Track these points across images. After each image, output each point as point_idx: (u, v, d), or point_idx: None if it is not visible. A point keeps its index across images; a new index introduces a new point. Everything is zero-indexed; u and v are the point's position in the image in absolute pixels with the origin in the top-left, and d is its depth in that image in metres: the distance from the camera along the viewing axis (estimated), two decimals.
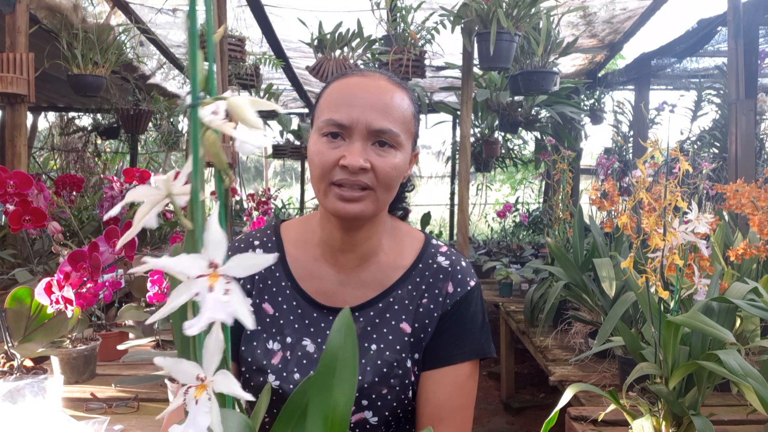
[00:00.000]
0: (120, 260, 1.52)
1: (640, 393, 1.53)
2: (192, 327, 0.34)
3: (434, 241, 1.03)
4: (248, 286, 0.98)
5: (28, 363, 1.33)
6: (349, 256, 0.96)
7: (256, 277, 0.98)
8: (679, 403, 1.14)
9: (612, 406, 1.22)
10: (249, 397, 0.39)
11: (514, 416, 3.27)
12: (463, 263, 1.00)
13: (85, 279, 1.35)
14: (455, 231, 4.68)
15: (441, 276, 0.97)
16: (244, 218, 3.45)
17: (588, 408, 1.51)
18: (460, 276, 0.98)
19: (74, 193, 2.36)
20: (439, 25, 3.31)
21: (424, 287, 0.97)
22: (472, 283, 0.98)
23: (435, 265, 0.98)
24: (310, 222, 1.01)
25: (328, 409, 0.54)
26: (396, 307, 0.95)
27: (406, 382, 0.92)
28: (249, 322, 0.35)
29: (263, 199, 3.30)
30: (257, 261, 0.36)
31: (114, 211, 0.44)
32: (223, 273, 0.35)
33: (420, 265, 0.98)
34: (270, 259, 0.36)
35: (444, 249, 1.01)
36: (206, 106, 0.37)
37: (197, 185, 0.37)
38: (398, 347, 0.93)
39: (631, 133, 5.42)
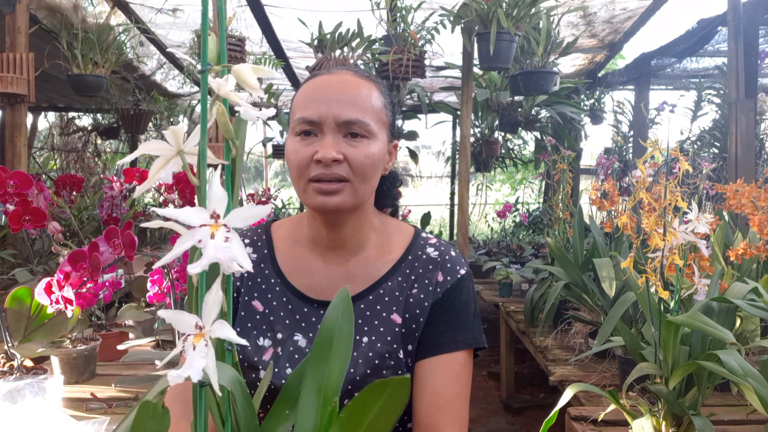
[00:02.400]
0: (120, 260, 1.52)
1: (640, 393, 1.53)
2: (195, 267, 0.38)
3: (424, 234, 1.04)
4: (237, 284, 0.99)
5: (28, 363, 1.33)
6: (337, 252, 0.98)
7: (245, 274, 0.99)
8: (679, 403, 1.14)
9: (612, 406, 1.22)
10: (243, 341, 0.42)
11: (514, 416, 3.27)
12: (453, 253, 1.01)
13: (85, 279, 1.35)
14: (455, 231, 4.68)
15: (430, 266, 0.98)
16: None
17: (588, 408, 1.51)
18: (449, 265, 0.99)
19: (74, 193, 2.36)
20: (439, 25, 3.31)
21: (413, 278, 0.98)
22: (462, 272, 0.99)
23: (424, 257, 0.99)
24: (299, 221, 1.03)
25: (322, 380, 0.57)
26: (386, 298, 0.96)
27: (399, 372, 0.93)
28: (247, 265, 0.39)
29: (263, 199, 3.30)
30: (255, 212, 0.41)
31: (127, 159, 0.46)
32: (224, 223, 0.40)
33: (409, 257, 0.99)
34: (267, 209, 0.41)
35: (433, 241, 1.02)
36: (214, 72, 0.42)
37: (204, 146, 0.42)
38: (389, 338, 0.94)
39: (631, 133, 5.42)
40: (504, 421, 3.23)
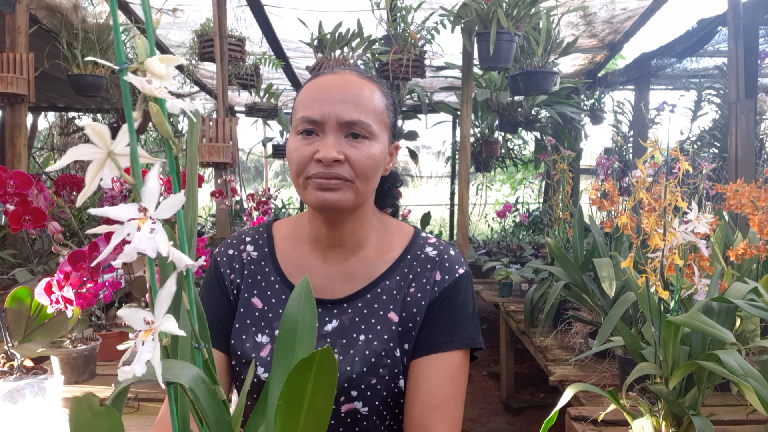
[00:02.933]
0: None
1: (640, 393, 1.53)
2: (120, 259, 0.41)
3: (423, 234, 1.04)
4: (238, 281, 1.00)
5: (28, 363, 1.33)
6: (337, 250, 0.99)
7: (246, 272, 1.00)
8: (679, 403, 1.14)
9: (612, 406, 1.22)
10: (182, 333, 0.42)
11: (514, 416, 3.27)
12: (452, 252, 1.01)
13: (85, 279, 1.35)
14: (455, 231, 4.69)
15: (429, 266, 0.98)
16: (244, 218, 3.44)
17: (588, 408, 1.51)
18: (448, 264, 0.99)
19: (74, 193, 2.36)
20: (439, 25, 3.31)
21: (411, 277, 0.98)
22: (461, 271, 0.99)
23: (423, 256, 0.99)
24: (300, 220, 1.04)
25: (289, 370, 0.56)
26: (384, 297, 0.96)
27: (396, 371, 0.93)
28: (165, 252, 0.41)
29: (263, 199, 3.29)
30: (175, 201, 0.42)
31: (57, 166, 0.47)
32: (150, 216, 0.42)
33: (408, 256, 0.99)
34: (181, 196, 0.42)
35: (433, 240, 1.03)
36: (131, 71, 0.43)
37: (134, 145, 0.43)
38: (386, 337, 0.94)
39: (631, 133, 5.42)
40: (504, 421, 3.23)
